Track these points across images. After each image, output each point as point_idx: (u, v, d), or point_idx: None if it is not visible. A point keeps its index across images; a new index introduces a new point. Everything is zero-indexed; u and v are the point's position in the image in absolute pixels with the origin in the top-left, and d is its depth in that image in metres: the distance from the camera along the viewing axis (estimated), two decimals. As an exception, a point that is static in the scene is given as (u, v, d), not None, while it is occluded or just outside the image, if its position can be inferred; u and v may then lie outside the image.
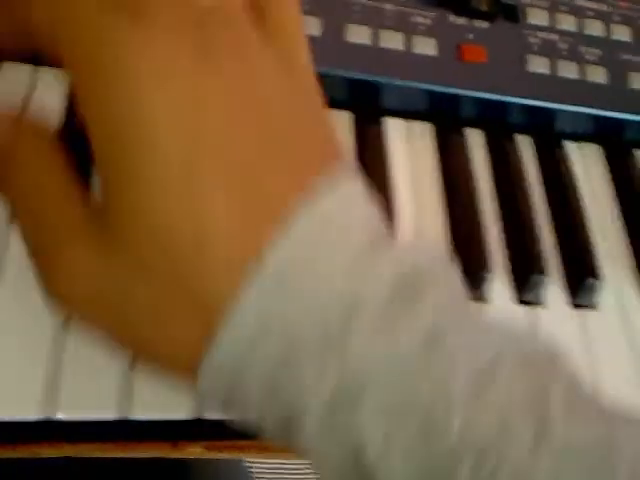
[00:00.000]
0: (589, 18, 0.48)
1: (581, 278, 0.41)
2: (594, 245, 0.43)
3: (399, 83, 0.42)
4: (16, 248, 0.31)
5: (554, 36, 0.46)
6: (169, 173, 0.23)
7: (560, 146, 0.47)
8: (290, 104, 0.25)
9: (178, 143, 0.23)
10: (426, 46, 0.42)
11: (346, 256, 0.23)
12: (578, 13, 0.48)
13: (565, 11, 0.47)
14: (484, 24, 0.45)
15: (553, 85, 0.45)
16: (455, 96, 0.43)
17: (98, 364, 0.30)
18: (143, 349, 0.25)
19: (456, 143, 0.44)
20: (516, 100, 0.44)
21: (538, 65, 0.45)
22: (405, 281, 0.23)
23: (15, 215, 0.26)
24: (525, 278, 0.40)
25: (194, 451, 0.33)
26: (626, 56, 0.48)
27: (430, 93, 0.43)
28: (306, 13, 0.40)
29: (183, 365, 0.24)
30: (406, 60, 0.42)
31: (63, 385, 0.30)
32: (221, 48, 0.24)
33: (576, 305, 0.41)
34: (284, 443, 0.25)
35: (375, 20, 0.42)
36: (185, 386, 0.26)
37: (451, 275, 0.26)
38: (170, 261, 0.23)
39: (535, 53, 0.45)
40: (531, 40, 0.45)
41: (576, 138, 0.48)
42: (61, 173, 0.26)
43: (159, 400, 0.31)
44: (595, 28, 0.48)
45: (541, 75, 0.45)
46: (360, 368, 0.22)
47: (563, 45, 0.46)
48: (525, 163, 0.46)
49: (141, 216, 0.23)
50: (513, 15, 0.46)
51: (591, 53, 0.47)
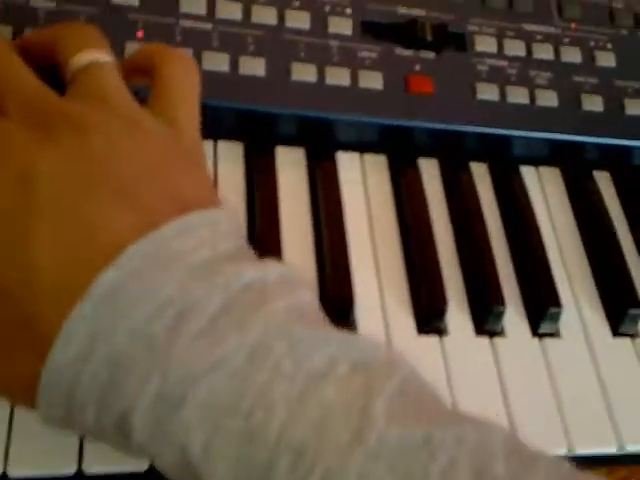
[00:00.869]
0: (538, 42, 0.48)
1: (542, 307, 0.41)
2: (553, 271, 0.42)
3: (346, 118, 0.41)
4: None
5: (503, 62, 0.46)
6: None
7: (516, 171, 0.47)
8: (141, 160, 0.28)
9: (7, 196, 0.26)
10: (372, 80, 0.42)
11: (179, 273, 0.25)
12: (526, 37, 0.48)
13: (513, 36, 0.47)
14: (431, 55, 0.45)
15: (504, 111, 0.45)
16: (404, 128, 0.43)
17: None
18: None
19: (410, 174, 0.44)
20: (467, 129, 0.44)
21: (487, 92, 0.44)
22: (241, 295, 0.25)
23: None
24: (484, 309, 0.40)
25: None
26: (578, 78, 0.48)
27: (379, 126, 0.43)
28: (251, 54, 0.40)
29: (28, 396, 0.26)
30: (353, 95, 0.42)
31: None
32: (60, 124, 0.27)
33: (539, 334, 0.41)
34: (127, 453, 0.27)
35: (320, 57, 0.42)
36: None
37: (298, 290, 0.27)
38: (3, 304, 0.25)
39: (484, 80, 0.45)
40: (479, 68, 0.45)
41: (533, 162, 0.48)
42: None
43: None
44: (544, 51, 0.48)
45: (491, 102, 0.45)
46: (184, 372, 0.24)
47: (512, 70, 0.46)
48: (481, 190, 0.45)
49: None
50: (461, 44, 0.46)
51: (541, 77, 0.47)
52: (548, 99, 0.46)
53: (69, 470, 0.31)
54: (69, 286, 0.25)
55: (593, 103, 0.47)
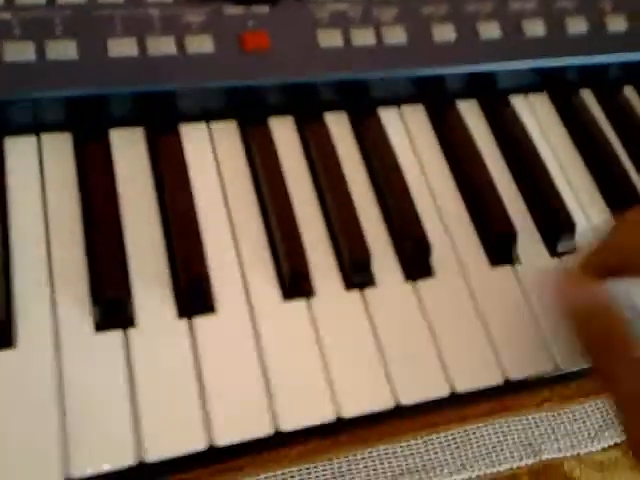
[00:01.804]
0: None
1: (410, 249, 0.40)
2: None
3: (179, 87, 0.39)
4: None
5: (343, 5, 0.44)
6: None
7: (375, 115, 0.45)
8: None
9: None
10: (202, 44, 0.40)
11: None
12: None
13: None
14: (265, 9, 0.43)
15: (351, 55, 0.43)
16: (245, 88, 0.41)
17: None
18: None
19: (261, 135, 0.42)
20: (314, 79, 0.42)
21: (330, 39, 0.42)
22: None
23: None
24: (350, 263, 0.39)
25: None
26: (427, 10, 0.46)
27: (218, 91, 0.40)
28: (60, 37, 0.38)
29: None
30: (183, 62, 0.40)
31: None
32: None
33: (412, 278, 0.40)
34: None
35: (140, 29, 0.40)
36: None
37: None
38: None
39: (325, 27, 0.43)
40: (319, 15, 0.43)
41: (395, 103, 0.46)
42: None
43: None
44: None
45: (335, 48, 0.42)
46: None
47: (354, 13, 0.44)
48: (339, 143, 0.43)
49: None
50: (296, -7, 0.44)
51: (386, 14, 0.45)
52: (396, 36, 0.44)
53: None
54: None
55: (445, 33, 0.45)
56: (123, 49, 0.38)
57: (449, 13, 0.46)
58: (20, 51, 0.36)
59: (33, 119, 0.38)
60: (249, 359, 0.35)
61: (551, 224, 0.42)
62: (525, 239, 0.41)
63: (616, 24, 0.49)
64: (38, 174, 0.38)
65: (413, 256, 0.39)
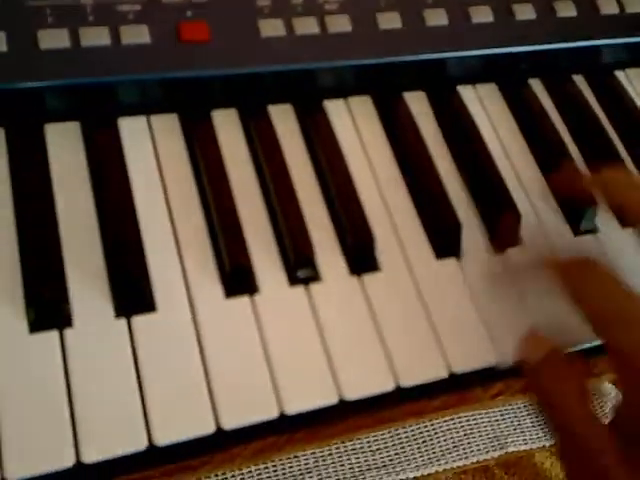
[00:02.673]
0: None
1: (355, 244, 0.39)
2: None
3: (112, 80, 0.38)
4: None
5: (285, -6, 0.43)
6: None
7: (321, 107, 0.44)
8: None
9: None
10: (137, 35, 0.39)
11: None
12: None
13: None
14: (204, -3, 0.41)
15: (294, 45, 0.42)
16: (183, 80, 0.40)
17: None
18: None
19: (203, 129, 0.41)
20: (255, 70, 0.41)
21: (272, 28, 0.42)
22: None
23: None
24: (295, 260, 0.38)
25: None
26: (372, -2, 0.45)
27: (154, 83, 0.39)
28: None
29: None
30: (116, 54, 0.38)
31: None
32: None
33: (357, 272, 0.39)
34: None
35: (72, 20, 0.38)
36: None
37: None
38: None
39: (266, 17, 0.42)
40: (260, 4, 0.42)
41: (342, 94, 0.45)
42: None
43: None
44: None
45: (277, 38, 0.42)
46: None
47: (297, 1, 0.43)
48: (285, 135, 0.43)
49: None
50: (237, -20, 0.43)
51: (330, 2, 0.44)
52: (340, 25, 0.43)
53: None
54: None
55: (391, 21, 0.44)
56: (54, 41, 0.37)
57: (394, 0, 0.45)
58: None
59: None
60: (191, 359, 0.34)
61: (496, 216, 0.42)
62: (470, 232, 0.41)
63: (565, 10, 0.49)
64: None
65: (358, 250, 0.39)
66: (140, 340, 0.34)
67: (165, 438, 0.33)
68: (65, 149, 0.39)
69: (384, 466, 0.48)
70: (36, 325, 0.33)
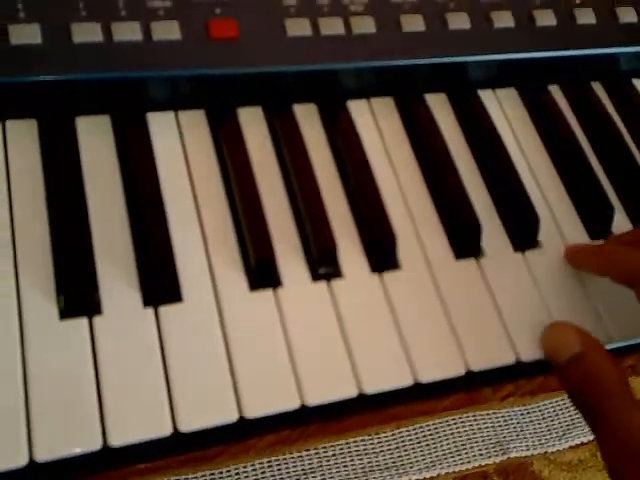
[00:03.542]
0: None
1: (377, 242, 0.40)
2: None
3: (143, 75, 0.39)
4: None
5: (312, -6, 0.44)
6: None
7: (344, 107, 0.45)
8: None
9: None
10: (168, 31, 0.39)
11: None
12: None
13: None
14: (233, -4, 0.42)
15: (319, 45, 0.43)
16: (212, 77, 0.40)
17: None
18: None
19: (229, 126, 0.42)
20: (283, 69, 0.42)
21: (298, 28, 0.42)
22: None
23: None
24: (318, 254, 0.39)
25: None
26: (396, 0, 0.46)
27: (184, 79, 0.40)
28: (21, 21, 0.37)
29: None
30: (148, 50, 0.39)
31: None
32: None
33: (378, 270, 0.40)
34: None
35: (105, 15, 0.39)
36: None
37: None
38: None
39: (293, 16, 0.43)
40: (287, 3, 0.43)
41: (365, 95, 0.46)
42: None
43: None
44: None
45: (304, 37, 0.42)
46: None
47: (323, 1, 0.44)
48: (307, 133, 0.43)
49: None
50: (265, -20, 0.43)
51: (356, 3, 0.44)
52: (365, 26, 0.44)
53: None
54: None
55: (414, 23, 0.45)
56: (87, 35, 0.38)
57: (418, 3, 0.46)
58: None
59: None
60: (215, 349, 0.35)
61: (516, 219, 0.43)
62: (490, 233, 0.42)
63: (585, 18, 0.50)
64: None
65: (379, 248, 0.40)
66: (167, 329, 0.35)
67: (190, 425, 0.33)
68: (96, 142, 0.39)
69: (387, 468, 0.48)
70: (66, 312, 0.34)
